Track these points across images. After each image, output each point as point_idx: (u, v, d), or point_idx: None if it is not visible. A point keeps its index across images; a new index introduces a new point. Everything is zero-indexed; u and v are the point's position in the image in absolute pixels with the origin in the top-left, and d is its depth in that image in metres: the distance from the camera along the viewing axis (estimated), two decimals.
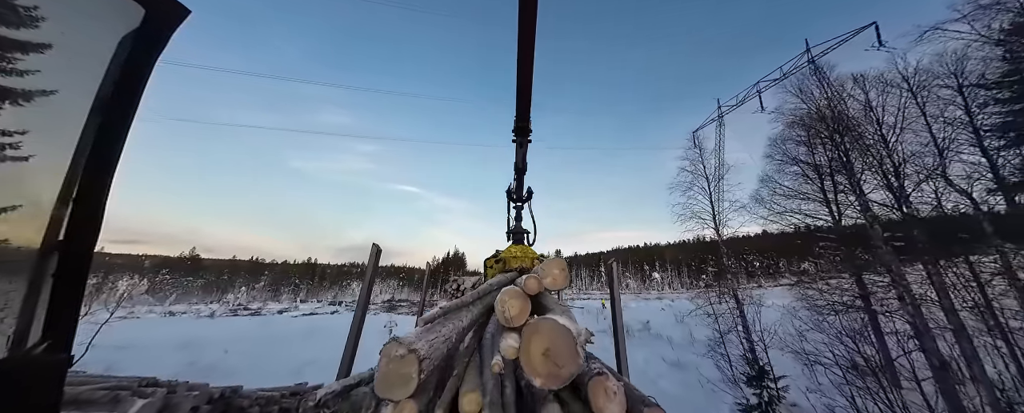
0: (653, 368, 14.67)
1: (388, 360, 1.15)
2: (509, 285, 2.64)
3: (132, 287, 22.87)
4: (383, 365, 1.15)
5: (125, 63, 0.79)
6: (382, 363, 1.16)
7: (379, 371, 1.16)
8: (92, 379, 3.06)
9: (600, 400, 1.14)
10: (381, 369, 1.15)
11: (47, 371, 0.59)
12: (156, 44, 0.82)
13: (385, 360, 1.15)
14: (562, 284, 1.93)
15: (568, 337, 1.12)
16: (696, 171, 16.74)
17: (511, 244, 4.01)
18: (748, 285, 24.84)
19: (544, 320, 1.19)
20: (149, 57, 0.81)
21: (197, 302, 71.32)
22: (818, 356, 10.17)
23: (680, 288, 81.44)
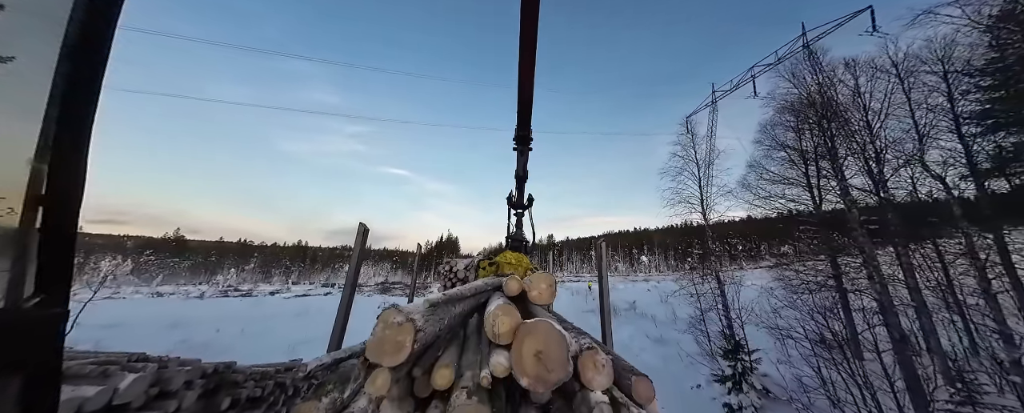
0: (637, 343, 15.42)
1: (385, 325, 1.16)
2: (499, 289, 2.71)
3: (116, 267, 22.32)
4: (379, 330, 1.16)
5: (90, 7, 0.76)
6: (378, 328, 1.17)
7: (374, 335, 1.16)
8: (80, 354, 3.07)
9: (589, 372, 1.19)
10: (376, 334, 1.15)
11: (42, 326, 0.59)
12: None
13: (382, 325, 1.16)
14: (548, 300, 1.90)
15: (561, 343, 1.14)
16: (687, 156, 16.90)
17: (507, 250, 4.06)
18: (730, 267, 25.86)
19: (541, 322, 1.20)
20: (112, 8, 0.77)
21: (185, 283, 70.53)
22: (790, 331, 10.84)
23: (666, 270, 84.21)
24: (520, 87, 2.29)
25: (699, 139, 17.43)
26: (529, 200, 4.29)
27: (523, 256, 3.85)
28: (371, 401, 1.17)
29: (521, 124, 2.96)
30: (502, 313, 1.32)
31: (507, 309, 1.34)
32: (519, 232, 4.26)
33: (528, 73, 2.09)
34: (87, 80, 0.73)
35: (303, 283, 74.93)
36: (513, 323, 1.30)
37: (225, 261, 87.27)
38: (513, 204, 4.27)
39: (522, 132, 3.12)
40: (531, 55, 1.94)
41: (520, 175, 3.82)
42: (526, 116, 2.79)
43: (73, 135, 0.70)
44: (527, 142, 3.32)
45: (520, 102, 2.49)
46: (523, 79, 2.16)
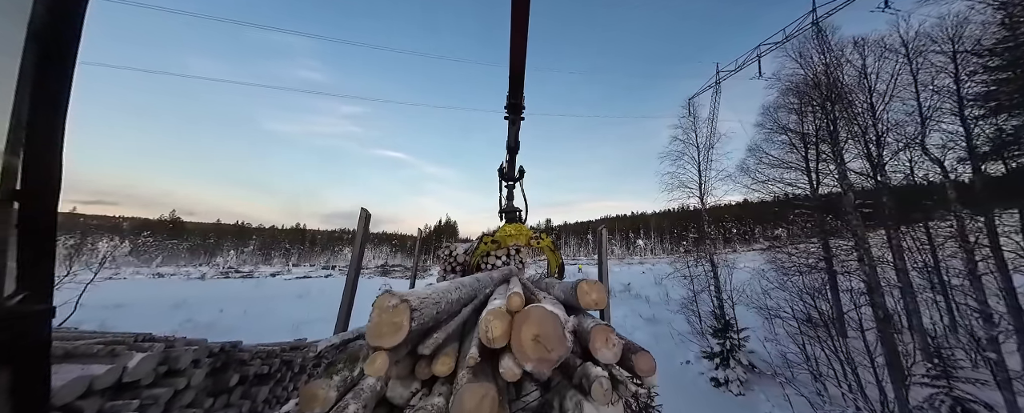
0: (630, 322, 15.94)
1: (380, 310, 1.19)
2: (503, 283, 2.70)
3: (114, 248, 22.39)
4: (375, 316, 1.18)
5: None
6: (374, 314, 1.19)
7: (371, 321, 1.16)
8: (87, 334, 3.10)
9: (598, 342, 1.25)
10: (373, 319, 1.14)
11: (27, 322, 0.57)
12: None
13: (377, 311, 1.18)
14: (602, 305, 2.06)
15: (556, 322, 1.18)
16: (688, 140, 16.70)
17: (504, 223, 4.04)
18: (724, 250, 26.35)
19: (534, 307, 1.24)
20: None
21: (185, 264, 71.06)
22: (778, 311, 11.21)
23: (661, 254, 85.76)
24: (512, 50, 2.14)
25: (701, 122, 17.17)
26: (520, 172, 4.21)
27: (520, 225, 3.84)
28: (379, 379, 1.21)
29: (513, 91, 2.84)
30: (493, 317, 1.30)
31: (499, 313, 1.34)
32: (511, 204, 4.21)
33: (521, 34, 1.93)
34: (57, 71, 0.67)
35: (303, 265, 75.81)
36: (505, 326, 1.32)
37: (224, 243, 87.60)
38: (504, 176, 4.19)
39: (514, 100, 3.00)
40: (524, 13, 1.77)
41: (511, 146, 3.70)
42: (518, 83, 2.67)
43: (46, 128, 0.65)
44: (519, 111, 3.20)
45: (512, 67, 2.35)
46: (515, 41, 2.01)
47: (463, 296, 2.07)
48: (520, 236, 3.64)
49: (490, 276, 3.12)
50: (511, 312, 1.54)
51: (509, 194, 4.25)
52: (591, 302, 2.14)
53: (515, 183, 4.25)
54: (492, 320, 1.42)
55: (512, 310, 1.55)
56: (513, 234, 3.65)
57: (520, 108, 3.16)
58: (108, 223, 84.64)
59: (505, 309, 1.55)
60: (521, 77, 2.58)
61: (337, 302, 2.79)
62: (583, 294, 2.15)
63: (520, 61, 2.25)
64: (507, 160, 4.00)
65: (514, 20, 1.89)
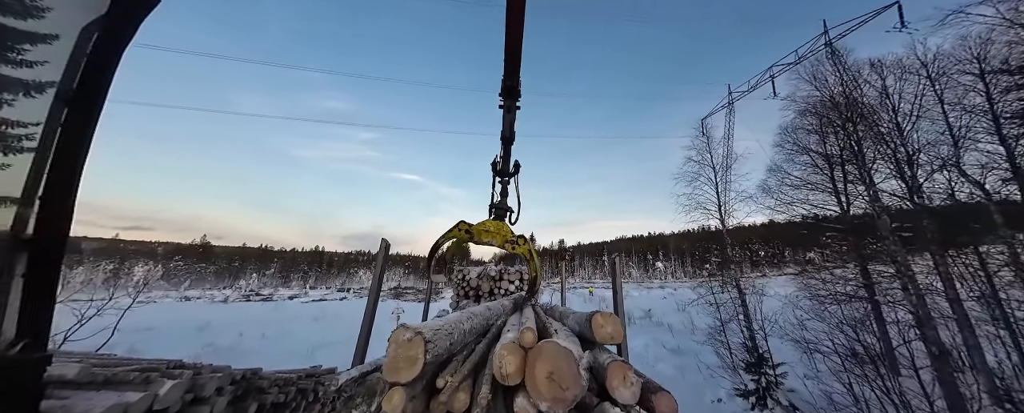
0: (652, 353, 14.99)
1: (396, 345, 1.20)
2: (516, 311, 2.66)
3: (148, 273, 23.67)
4: (391, 351, 1.20)
5: (91, 53, 0.72)
6: (390, 349, 1.21)
7: (387, 357, 1.21)
8: (124, 361, 3.27)
9: (615, 380, 1.20)
10: (389, 355, 1.20)
11: (25, 371, 0.55)
12: (123, 33, 0.76)
13: (393, 346, 1.21)
14: (619, 339, 1.87)
15: (570, 358, 1.16)
16: (703, 161, 16.51)
17: (491, 218, 3.71)
18: (751, 274, 24.89)
19: (547, 343, 1.22)
20: (116, 46, 0.75)
21: (210, 288, 73.62)
22: (818, 344, 10.30)
23: (683, 277, 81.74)
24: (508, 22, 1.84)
25: (715, 142, 17.04)
26: (515, 166, 3.84)
27: (503, 223, 3.47)
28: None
29: (509, 72, 2.50)
30: (507, 353, 1.28)
31: (513, 348, 1.33)
32: (503, 201, 3.85)
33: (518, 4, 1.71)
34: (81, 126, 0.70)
35: (320, 287, 76.96)
36: (520, 362, 1.30)
37: (247, 266, 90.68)
38: (498, 171, 3.83)
39: (510, 82, 2.67)
40: None
41: (506, 136, 3.39)
42: (515, 62, 2.34)
43: (64, 179, 0.66)
44: (515, 95, 2.85)
45: (508, 41, 2.04)
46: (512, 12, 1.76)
47: (475, 326, 2.06)
48: (497, 235, 3.25)
49: (501, 304, 2.96)
50: (524, 347, 1.53)
51: (503, 190, 3.88)
52: (607, 336, 2.09)
53: (509, 179, 3.87)
54: (506, 356, 1.42)
55: (525, 346, 1.54)
56: (492, 231, 3.27)
57: (516, 92, 2.86)
58: (145, 248, 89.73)
59: (518, 344, 1.54)
60: (518, 53, 2.27)
61: (351, 326, 2.85)
62: (598, 327, 2.10)
63: (517, 33, 1.97)
64: (501, 153, 3.70)
65: None
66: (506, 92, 2.80)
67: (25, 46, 0.72)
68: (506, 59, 2.29)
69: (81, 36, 0.73)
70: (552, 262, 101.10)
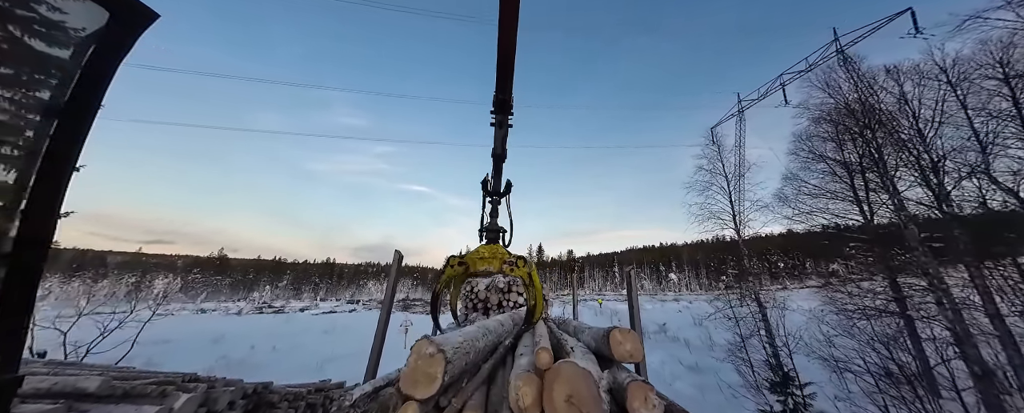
0: (669, 370, 14.39)
1: (417, 357, 1.19)
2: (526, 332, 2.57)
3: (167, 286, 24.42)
4: (412, 361, 1.18)
5: (86, 66, 0.71)
6: (411, 359, 1.19)
7: (407, 366, 1.18)
8: (142, 374, 3.32)
9: (636, 402, 1.16)
10: (409, 365, 1.18)
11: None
12: (120, 47, 0.76)
13: (415, 356, 1.19)
14: (638, 358, 1.81)
15: (588, 379, 1.12)
16: (714, 170, 16.26)
17: (483, 243, 3.46)
18: (771, 287, 23.87)
19: (565, 364, 1.19)
20: (112, 60, 0.74)
21: (225, 300, 75.02)
22: (848, 363, 9.71)
23: (698, 289, 79.17)
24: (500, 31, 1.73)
25: (726, 150, 16.81)
26: (507, 186, 3.62)
27: (497, 246, 3.26)
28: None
29: (501, 85, 2.37)
30: (523, 384, 1.24)
31: (529, 378, 1.27)
32: (494, 222, 3.58)
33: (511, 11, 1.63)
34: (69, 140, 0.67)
35: (330, 299, 77.49)
36: (536, 392, 1.25)
37: (261, 278, 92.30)
38: (489, 191, 3.58)
39: (502, 95, 2.51)
40: None
41: (498, 153, 3.18)
42: (507, 74, 2.23)
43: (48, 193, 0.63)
44: (507, 110, 2.71)
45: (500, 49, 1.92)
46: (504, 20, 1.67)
47: (489, 343, 2.01)
48: (494, 260, 3.02)
49: (512, 318, 2.92)
50: (540, 370, 1.47)
51: (493, 210, 3.63)
52: (625, 354, 2.01)
53: (500, 199, 3.64)
54: (522, 387, 1.36)
55: (541, 368, 1.48)
56: (487, 257, 3.04)
57: (509, 106, 2.71)
58: (166, 261, 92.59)
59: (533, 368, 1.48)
60: (511, 65, 2.16)
61: (361, 338, 2.82)
62: (616, 344, 2.03)
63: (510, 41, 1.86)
64: (491, 172, 3.47)
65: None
66: (498, 106, 2.70)
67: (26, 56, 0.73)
68: (498, 71, 2.23)
69: (78, 48, 0.73)
70: (562, 274, 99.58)
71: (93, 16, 0.74)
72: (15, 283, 0.56)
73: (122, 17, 0.76)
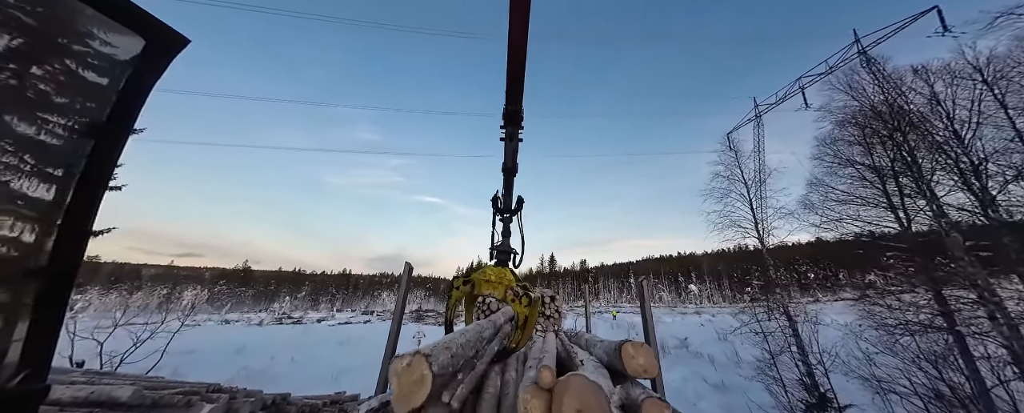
0: (692, 388, 13.63)
1: (398, 377, 1.17)
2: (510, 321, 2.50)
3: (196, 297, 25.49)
4: (395, 384, 1.16)
5: (122, 90, 0.75)
6: (393, 383, 1.17)
7: (393, 392, 1.16)
8: (170, 384, 3.45)
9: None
10: (394, 389, 1.15)
11: (22, 404, 0.53)
12: (154, 71, 0.81)
13: (395, 379, 1.16)
14: (653, 373, 1.73)
15: (599, 393, 1.10)
16: (732, 176, 15.77)
17: (491, 264, 3.26)
18: (801, 299, 22.48)
19: (575, 377, 1.17)
20: (146, 84, 0.79)
21: (248, 311, 77.38)
22: (892, 383, 8.93)
23: (721, 301, 75.53)
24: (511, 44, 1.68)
25: (745, 156, 16.31)
26: (519, 202, 3.46)
27: (504, 270, 3.07)
28: None
29: (512, 95, 2.28)
30: (532, 397, 1.21)
31: (536, 392, 1.24)
32: (505, 242, 3.40)
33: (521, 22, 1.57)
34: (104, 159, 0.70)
35: (346, 310, 78.58)
36: (545, 406, 1.22)
37: (281, 289, 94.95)
38: (499, 208, 3.43)
39: (513, 107, 2.43)
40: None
41: (508, 167, 3.05)
42: (518, 85, 2.16)
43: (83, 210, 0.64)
44: (518, 121, 2.62)
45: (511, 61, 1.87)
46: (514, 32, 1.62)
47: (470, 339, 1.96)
48: (499, 286, 2.81)
49: (493, 323, 2.72)
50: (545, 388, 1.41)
51: (504, 229, 3.43)
52: (639, 369, 1.93)
53: (511, 216, 3.45)
54: (530, 399, 1.32)
55: (543, 386, 1.42)
56: (493, 281, 2.85)
57: (520, 118, 2.62)
58: (195, 273, 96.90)
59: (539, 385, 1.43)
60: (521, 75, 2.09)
61: (375, 349, 2.83)
62: (629, 358, 1.95)
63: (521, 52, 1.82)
64: (502, 187, 3.31)
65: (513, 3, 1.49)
66: (508, 118, 2.63)
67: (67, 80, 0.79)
68: (508, 83, 2.19)
69: (117, 73, 0.77)
70: (575, 284, 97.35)
71: (130, 43, 0.80)
72: (48, 297, 0.58)
73: (156, 43, 0.82)
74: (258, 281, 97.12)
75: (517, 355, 3.21)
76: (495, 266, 3.12)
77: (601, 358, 2.41)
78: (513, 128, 2.73)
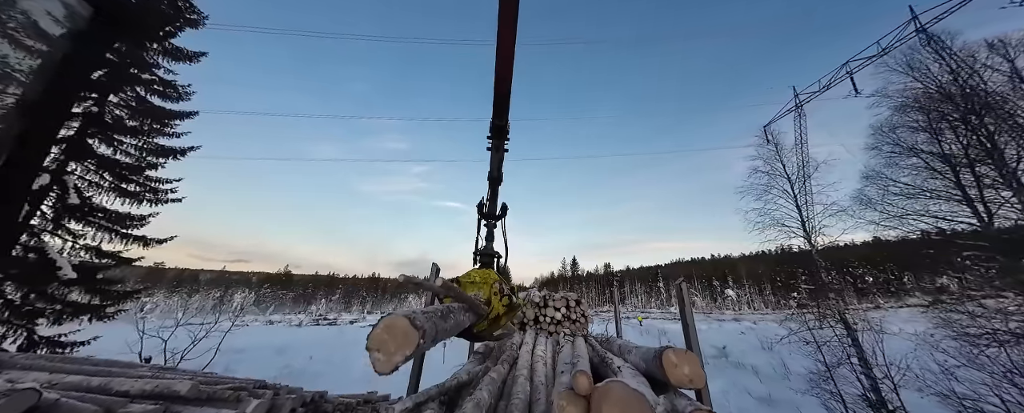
0: (734, 402, 12.67)
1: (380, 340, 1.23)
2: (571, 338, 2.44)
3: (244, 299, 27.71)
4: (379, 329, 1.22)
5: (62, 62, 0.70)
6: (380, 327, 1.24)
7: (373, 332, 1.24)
8: (222, 379, 3.70)
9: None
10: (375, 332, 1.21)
11: None
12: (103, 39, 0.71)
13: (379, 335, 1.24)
14: (699, 384, 1.63)
15: (644, 406, 1.01)
16: (773, 171, 14.65)
17: (476, 267, 3.45)
18: (859, 305, 20.31)
19: (615, 384, 1.08)
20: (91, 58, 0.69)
21: (289, 312, 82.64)
22: (980, 401, 7.76)
23: (763, 307, 70.13)
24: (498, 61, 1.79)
25: (786, 150, 15.11)
26: (503, 209, 3.69)
27: (488, 271, 3.26)
28: None
29: (498, 111, 2.46)
30: (567, 403, 1.16)
31: (571, 397, 1.19)
32: (489, 246, 3.61)
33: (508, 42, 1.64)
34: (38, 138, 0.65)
35: (376, 313, 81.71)
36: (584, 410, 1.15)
37: (318, 292, 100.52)
38: (484, 214, 3.64)
39: (499, 121, 2.64)
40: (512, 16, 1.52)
41: (494, 177, 3.31)
42: (504, 101, 2.30)
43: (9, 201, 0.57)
44: (504, 135, 2.84)
45: (497, 83, 1.99)
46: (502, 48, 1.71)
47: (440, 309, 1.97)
48: (484, 285, 2.99)
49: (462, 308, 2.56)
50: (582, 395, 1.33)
51: (488, 234, 3.65)
52: (683, 378, 1.77)
53: (496, 222, 3.66)
54: (566, 406, 1.25)
55: (581, 392, 1.34)
56: (478, 282, 3.02)
57: (505, 132, 2.83)
58: (243, 278, 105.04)
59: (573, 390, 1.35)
60: (507, 92, 2.21)
61: None
62: (671, 366, 1.79)
63: (507, 71, 1.92)
64: (488, 195, 3.55)
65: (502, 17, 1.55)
66: (495, 132, 2.80)
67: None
68: (495, 101, 2.30)
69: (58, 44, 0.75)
70: (600, 288, 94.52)
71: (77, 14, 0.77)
72: None
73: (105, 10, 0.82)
74: (297, 284, 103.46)
75: (545, 360, 3.19)
76: (479, 269, 3.27)
77: (638, 365, 2.25)
78: (499, 141, 2.90)
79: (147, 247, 9.40)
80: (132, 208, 9.33)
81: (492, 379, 2.24)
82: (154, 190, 9.64)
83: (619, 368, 1.96)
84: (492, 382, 2.17)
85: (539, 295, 5.73)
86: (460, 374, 2.15)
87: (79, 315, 8.16)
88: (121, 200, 9.21)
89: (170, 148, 10.00)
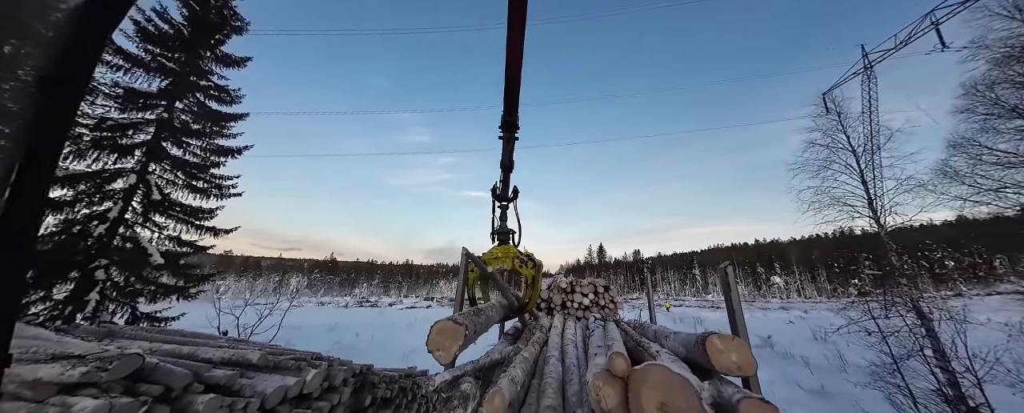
0: (782, 393, 11.97)
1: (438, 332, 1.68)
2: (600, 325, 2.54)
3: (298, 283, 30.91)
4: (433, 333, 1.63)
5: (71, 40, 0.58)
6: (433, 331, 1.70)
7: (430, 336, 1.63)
8: (285, 351, 4.15)
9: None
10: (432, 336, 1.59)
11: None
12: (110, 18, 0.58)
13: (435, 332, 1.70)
14: (749, 371, 1.56)
15: (688, 390, 0.95)
16: (834, 144, 13.00)
17: (495, 245, 4.01)
18: (937, 293, 17.97)
19: (654, 367, 1.04)
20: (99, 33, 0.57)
21: (336, 295, 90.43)
22: None
23: (815, 295, 64.67)
24: (508, 64, 1.99)
25: (851, 119, 13.28)
26: (514, 192, 4.20)
27: (509, 246, 3.83)
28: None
29: (508, 108, 2.76)
30: (603, 383, 1.13)
31: (607, 377, 1.16)
32: (504, 225, 4.14)
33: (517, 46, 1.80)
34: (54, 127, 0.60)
35: (411, 296, 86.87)
36: (619, 393, 1.12)
37: (359, 278, 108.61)
38: (498, 196, 4.16)
39: (509, 118, 2.96)
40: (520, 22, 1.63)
41: (506, 164, 3.72)
42: (513, 100, 2.56)
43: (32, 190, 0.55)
44: (513, 129, 3.18)
45: (507, 82, 2.21)
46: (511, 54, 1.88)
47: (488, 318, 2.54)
48: (506, 258, 3.58)
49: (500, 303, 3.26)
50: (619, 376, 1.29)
51: (502, 215, 4.20)
52: (730, 365, 1.67)
53: (508, 204, 4.20)
54: (602, 387, 1.22)
55: (617, 374, 1.30)
56: (500, 257, 3.61)
57: (515, 126, 3.14)
58: (297, 264, 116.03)
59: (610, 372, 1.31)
60: (516, 91, 2.42)
61: None
62: (716, 352, 1.70)
63: (516, 71, 2.07)
64: (501, 180, 4.01)
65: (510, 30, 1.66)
66: (505, 126, 3.09)
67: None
68: (506, 99, 2.52)
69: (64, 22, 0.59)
70: (629, 276, 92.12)
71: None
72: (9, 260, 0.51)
73: None
74: (342, 270, 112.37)
75: (576, 342, 3.25)
76: (499, 246, 3.91)
77: (677, 351, 2.16)
78: (509, 134, 3.25)
79: (217, 237, 10.61)
80: (202, 202, 10.51)
81: (525, 358, 2.27)
82: (218, 186, 10.76)
83: (657, 352, 1.89)
84: (525, 361, 2.20)
85: (565, 281, 5.70)
86: (493, 353, 2.21)
87: (168, 295, 9.50)
88: (193, 196, 10.40)
89: (228, 148, 11.02)
